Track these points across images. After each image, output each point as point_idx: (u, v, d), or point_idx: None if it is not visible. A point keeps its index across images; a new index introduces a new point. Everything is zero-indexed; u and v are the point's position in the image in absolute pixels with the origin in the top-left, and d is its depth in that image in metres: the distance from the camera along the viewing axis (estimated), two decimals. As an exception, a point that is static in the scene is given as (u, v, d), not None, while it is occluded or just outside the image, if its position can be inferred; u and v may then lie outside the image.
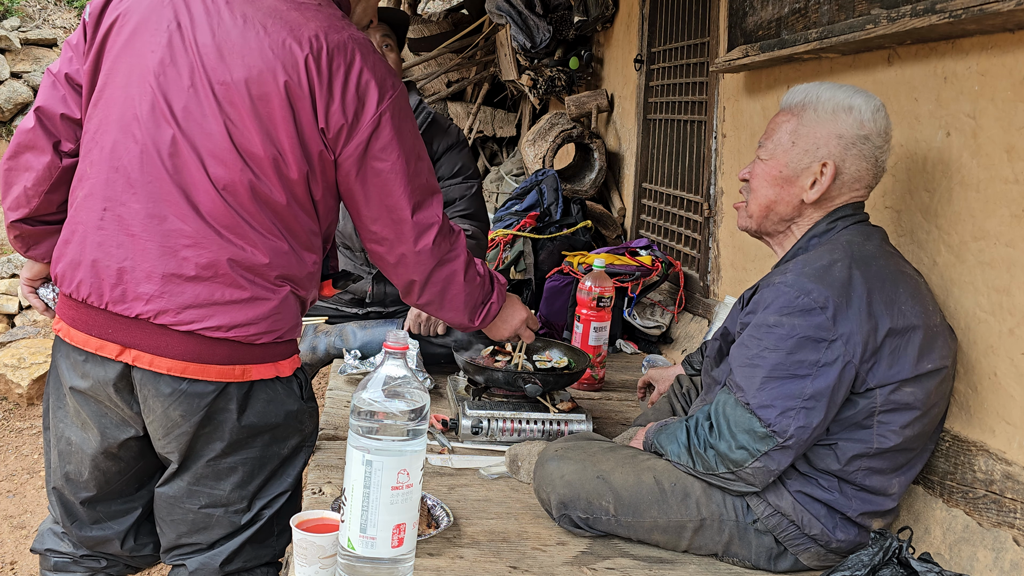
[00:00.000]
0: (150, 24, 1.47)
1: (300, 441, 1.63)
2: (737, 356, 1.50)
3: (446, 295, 1.69)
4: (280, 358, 1.56)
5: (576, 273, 3.05)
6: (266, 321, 1.49)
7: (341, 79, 1.45)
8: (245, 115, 1.43)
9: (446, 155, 2.58)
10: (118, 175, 1.46)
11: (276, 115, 1.43)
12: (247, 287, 1.47)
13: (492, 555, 1.51)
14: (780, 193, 1.59)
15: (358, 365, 2.35)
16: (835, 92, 1.57)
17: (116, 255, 1.45)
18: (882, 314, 1.43)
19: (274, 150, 1.45)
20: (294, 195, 1.49)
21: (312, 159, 1.48)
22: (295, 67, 1.43)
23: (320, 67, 1.44)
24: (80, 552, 1.67)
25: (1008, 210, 1.49)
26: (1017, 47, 1.47)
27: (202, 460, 1.53)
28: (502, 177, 4.84)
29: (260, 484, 1.57)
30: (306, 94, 1.44)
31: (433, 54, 5.30)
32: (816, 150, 1.55)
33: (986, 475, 1.49)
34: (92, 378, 1.51)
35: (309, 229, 1.54)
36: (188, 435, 1.50)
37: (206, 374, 1.47)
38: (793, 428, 1.40)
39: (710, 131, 2.92)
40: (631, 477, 1.56)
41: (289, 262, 1.51)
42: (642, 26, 3.67)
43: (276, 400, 1.56)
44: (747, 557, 1.53)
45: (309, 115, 1.45)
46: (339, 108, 1.46)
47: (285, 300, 1.52)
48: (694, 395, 1.98)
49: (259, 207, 1.47)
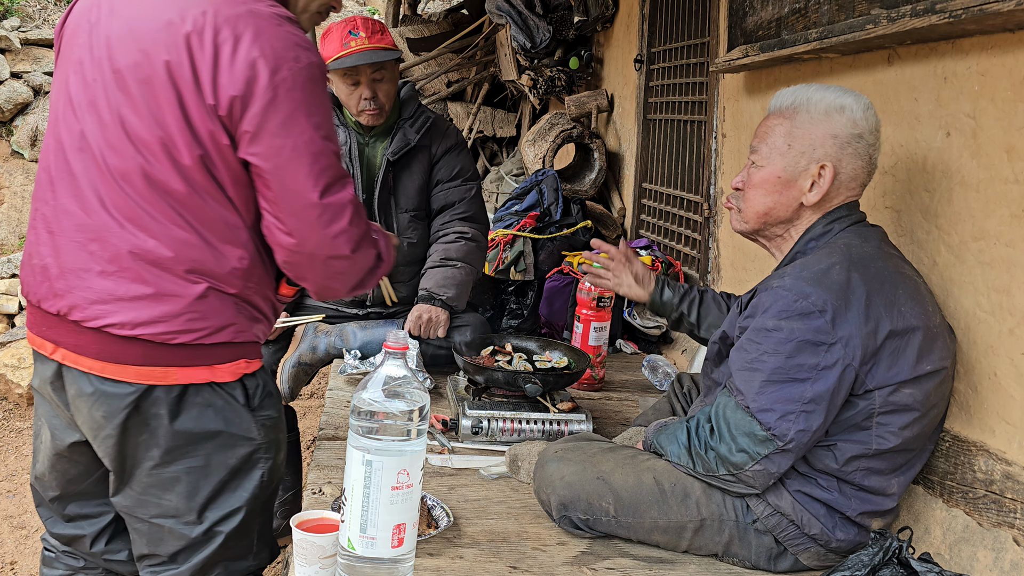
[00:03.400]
0: (81, 25, 1.48)
1: (251, 452, 1.51)
2: (736, 360, 1.50)
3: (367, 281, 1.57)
4: (216, 362, 1.46)
5: (576, 273, 3.05)
6: (178, 320, 1.41)
7: (229, 51, 1.36)
8: (136, 101, 1.40)
9: (444, 157, 2.57)
10: (44, 175, 1.49)
11: (160, 97, 1.38)
12: (151, 282, 1.41)
13: (492, 555, 1.51)
14: (779, 198, 1.59)
15: (358, 365, 2.35)
16: (825, 93, 1.56)
17: (41, 253, 1.47)
18: (882, 316, 1.42)
19: (162, 133, 1.39)
20: (192, 182, 1.40)
21: (204, 142, 1.39)
22: (175, 46, 1.38)
23: (204, 42, 1.37)
24: (61, 548, 1.67)
25: (1008, 210, 1.49)
26: (1017, 47, 1.47)
27: (143, 468, 1.48)
28: (502, 177, 4.84)
29: (209, 496, 1.50)
30: (188, 72, 1.37)
31: (433, 54, 5.30)
32: (812, 151, 1.55)
33: (986, 475, 1.49)
34: (39, 377, 1.52)
35: (225, 221, 1.43)
36: (114, 438, 1.46)
37: (124, 374, 1.43)
38: (793, 432, 1.40)
39: (710, 131, 2.92)
40: (631, 478, 1.56)
41: (202, 256, 1.42)
42: (642, 26, 3.67)
43: (214, 407, 1.47)
44: (747, 557, 1.54)
45: (194, 94, 1.37)
46: (228, 81, 1.36)
47: (204, 299, 1.43)
48: (695, 395, 1.98)
49: (157, 195, 1.40)
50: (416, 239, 2.59)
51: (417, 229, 2.59)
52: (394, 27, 6.04)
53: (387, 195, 2.53)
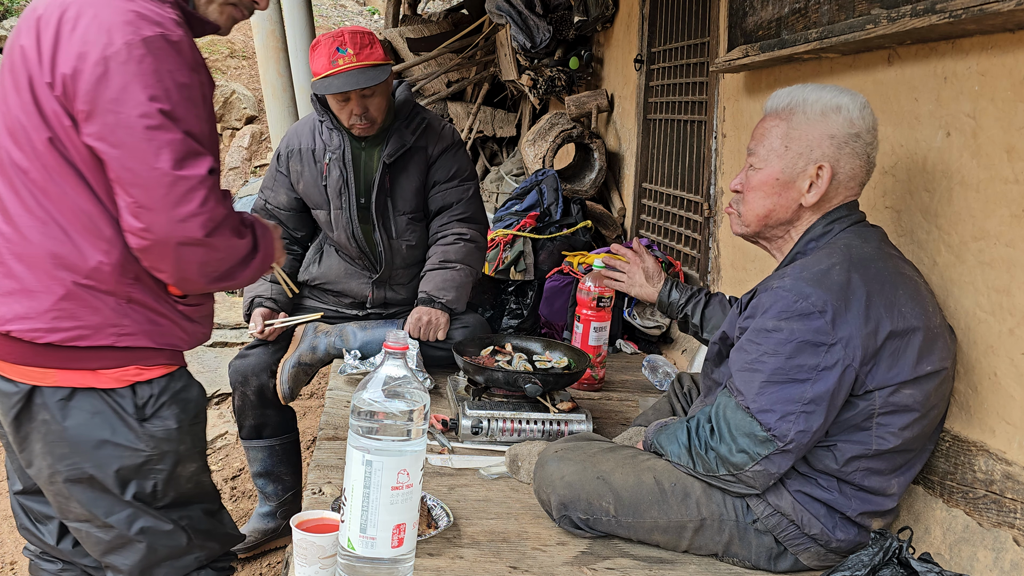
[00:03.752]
0: None
1: (139, 464, 1.45)
2: (736, 360, 1.50)
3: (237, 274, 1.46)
4: (99, 367, 1.40)
5: (576, 273, 3.05)
6: (44, 317, 1.36)
7: (68, 30, 1.34)
8: (7, 88, 1.41)
9: (441, 158, 2.57)
10: None
11: (19, 82, 1.38)
12: (18, 276, 1.37)
13: (492, 555, 1.51)
14: (778, 200, 1.59)
15: (358, 365, 2.35)
16: (821, 93, 1.56)
17: None
18: (882, 317, 1.42)
19: (21, 116, 1.38)
20: (49, 168, 1.36)
21: (52, 123, 1.36)
22: (29, 30, 1.38)
23: (49, 23, 1.36)
24: (38, 552, 1.66)
25: (1008, 210, 1.49)
26: (1017, 47, 1.47)
27: (44, 472, 1.45)
28: (502, 177, 4.84)
29: (108, 504, 1.46)
30: (34, 55, 1.36)
31: (433, 54, 5.30)
32: (810, 152, 1.55)
33: (986, 475, 1.49)
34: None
35: (86, 211, 1.37)
36: (11, 437, 1.45)
37: (11, 373, 1.41)
38: (793, 432, 1.40)
39: (710, 131, 2.92)
40: (631, 477, 1.56)
41: (64, 250, 1.37)
42: (642, 26, 3.67)
43: (102, 414, 1.42)
44: (747, 557, 1.53)
45: (39, 76, 1.36)
46: (63, 59, 1.33)
47: (73, 296, 1.37)
48: (695, 395, 1.98)
49: (22, 183, 1.37)
50: (415, 241, 2.59)
51: (415, 231, 2.59)
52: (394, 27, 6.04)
53: (384, 198, 2.52)
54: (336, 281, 2.64)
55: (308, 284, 2.68)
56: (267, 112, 5.19)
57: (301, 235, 2.70)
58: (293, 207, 2.64)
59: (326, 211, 2.56)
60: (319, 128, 2.54)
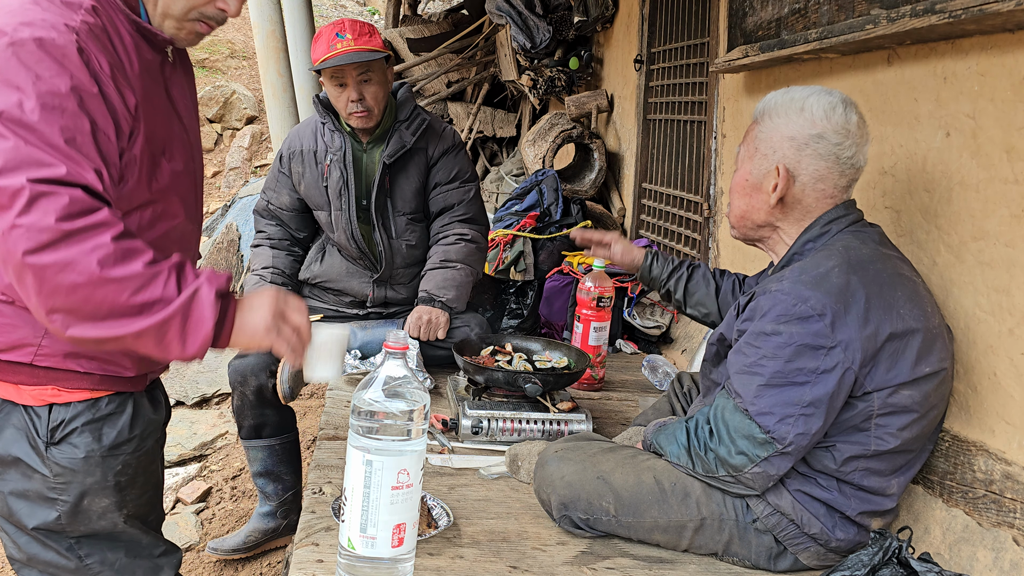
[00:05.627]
0: None
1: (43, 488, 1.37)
2: (735, 363, 1.49)
3: (85, 300, 1.18)
4: (19, 382, 1.34)
5: (576, 273, 3.05)
6: None
7: None
8: None
9: (442, 159, 2.58)
10: None
11: None
12: None
13: (492, 555, 1.52)
14: (750, 201, 1.61)
15: (358, 365, 2.35)
16: (793, 94, 1.56)
17: None
18: (881, 319, 1.42)
19: None
20: None
21: None
22: None
23: None
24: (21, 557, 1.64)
25: (1008, 210, 1.50)
26: (1017, 47, 1.47)
27: None
28: (502, 177, 4.84)
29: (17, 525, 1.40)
30: None
31: (433, 54, 5.30)
32: (772, 154, 1.56)
33: (986, 475, 1.49)
34: None
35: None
36: None
37: None
38: (792, 435, 1.41)
39: (710, 131, 2.92)
40: (631, 477, 1.56)
41: None
42: (642, 26, 3.67)
43: (23, 431, 1.36)
44: (747, 556, 1.54)
45: None
46: None
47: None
48: (694, 395, 1.98)
49: None
50: (415, 241, 2.60)
51: (415, 231, 2.60)
52: (394, 27, 6.04)
53: (384, 198, 2.53)
54: (337, 280, 2.65)
55: (309, 283, 2.69)
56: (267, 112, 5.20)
57: (303, 235, 2.72)
58: (295, 207, 2.65)
59: (327, 212, 2.58)
60: (321, 130, 2.56)
